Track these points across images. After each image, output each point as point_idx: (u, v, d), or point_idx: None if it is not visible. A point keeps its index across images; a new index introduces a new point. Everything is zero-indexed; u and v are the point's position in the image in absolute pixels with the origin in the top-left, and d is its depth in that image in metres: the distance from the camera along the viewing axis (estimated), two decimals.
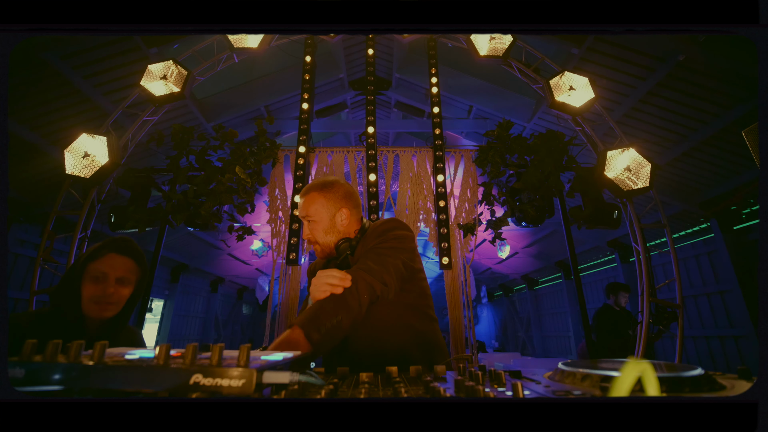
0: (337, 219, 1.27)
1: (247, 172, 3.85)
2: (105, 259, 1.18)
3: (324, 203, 1.28)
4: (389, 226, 1.23)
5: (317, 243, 1.28)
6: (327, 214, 1.27)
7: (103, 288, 1.15)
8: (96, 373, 0.48)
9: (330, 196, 1.29)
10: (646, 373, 0.42)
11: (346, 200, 1.30)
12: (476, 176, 4.19)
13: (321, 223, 1.27)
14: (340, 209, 1.28)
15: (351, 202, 1.31)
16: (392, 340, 1.16)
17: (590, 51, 4.09)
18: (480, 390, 0.53)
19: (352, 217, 1.30)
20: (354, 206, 1.32)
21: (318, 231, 1.27)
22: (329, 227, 1.27)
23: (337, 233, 1.27)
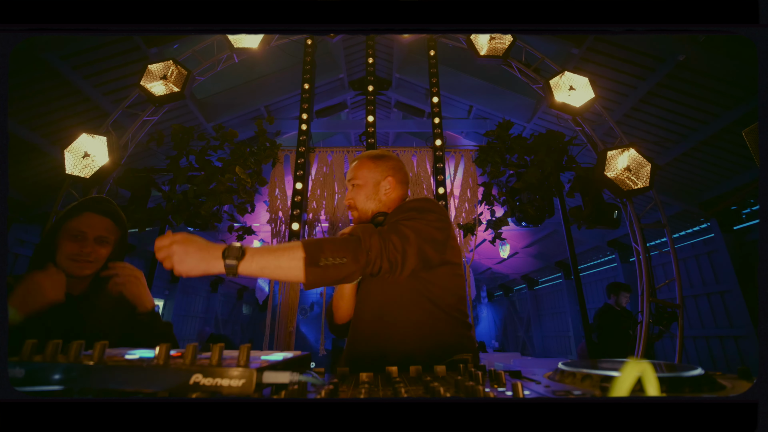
0: (381, 187, 1.23)
1: (247, 172, 3.85)
2: (82, 218, 1.17)
3: (372, 168, 1.25)
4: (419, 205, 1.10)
5: (356, 209, 1.24)
6: (372, 180, 1.24)
7: (80, 246, 1.15)
8: (96, 373, 0.48)
9: (379, 164, 1.26)
10: (646, 373, 0.42)
11: (394, 171, 1.26)
12: (476, 176, 4.19)
13: (364, 187, 1.23)
14: (386, 177, 1.24)
15: (399, 175, 1.27)
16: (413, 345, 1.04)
17: (590, 51, 4.10)
18: (480, 390, 0.53)
19: (396, 191, 1.25)
20: (400, 181, 1.26)
21: (360, 195, 1.23)
22: (372, 193, 1.23)
23: (378, 201, 1.23)
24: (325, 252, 0.88)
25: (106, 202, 1.23)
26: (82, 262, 1.15)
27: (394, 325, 1.08)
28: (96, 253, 1.17)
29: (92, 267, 1.17)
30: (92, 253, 1.16)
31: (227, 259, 0.83)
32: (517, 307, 11.65)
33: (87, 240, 1.16)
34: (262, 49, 4.23)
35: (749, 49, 3.17)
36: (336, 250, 0.89)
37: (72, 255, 1.14)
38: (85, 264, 1.15)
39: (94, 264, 1.18)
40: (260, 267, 0.86)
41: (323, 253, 0.87)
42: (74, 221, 1.16)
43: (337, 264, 0.87)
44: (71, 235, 1.15)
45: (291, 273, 0.87)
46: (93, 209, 1.19)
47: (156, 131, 3.89)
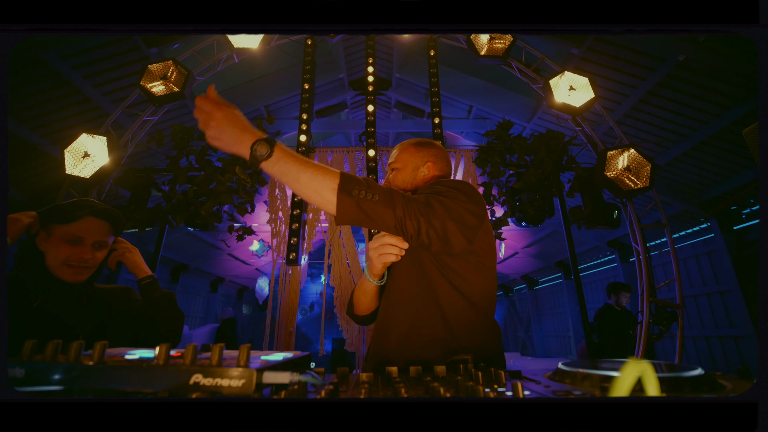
0: (420, 172, 1.20)
1: (247, 172, 3.85)
2: (81, 223, 1.11)
3: (413, 153, 1.23)
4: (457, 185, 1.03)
5: None
6: (411, 164, 1.21)
7: (79, 252, 1.09)
8: (96, 373, 0.48)
9: (421, 149, 1.23)
10: (646, 373, 0.42)
11: (435, 158, 1.22)
12: (476, 176, 4.19)
13: (404, 171, 1.21)
14: (425, 163, 1.21)
15: (440, 163, 1.23)
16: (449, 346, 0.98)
17: (590, 51, 4.10)
18: (480, 390, 0.53)
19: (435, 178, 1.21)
20: (440, 169, 1.22)
21: (398, 179, 1.21)
22: (410, 177, 1.20)
23: (414, 187, 1.19)
24: (360, 184, 0.86)
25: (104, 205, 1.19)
26: (78, 267, 1.10)
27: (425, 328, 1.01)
28: (94, 258, 1.13)
29: (88, 273, 1.14)
30: (90, 260, 1.12)
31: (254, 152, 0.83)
32: (517, 307, 11.65)
33: (85, 246, 1.11)
34: (262, 49, 4.23)
35: (749, 49, 3.17)
36: (371, 187, 0.87)
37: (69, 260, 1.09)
38: (81, 270, 1.11)
39: (89, 270, 1.14)
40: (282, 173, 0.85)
41: (358, 184, 0.86)
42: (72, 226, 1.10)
43: (370, 200, 0.85)
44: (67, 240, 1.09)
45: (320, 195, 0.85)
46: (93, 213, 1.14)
47: (156, 131, 3.90)
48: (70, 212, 1.11)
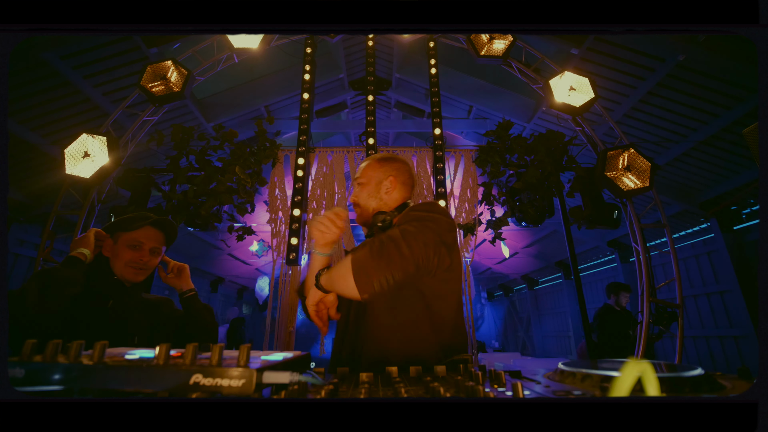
0: (383, 186, 1.29)
1: (247, 172, 3.85)
2: (142, 231, 1.35)
3: (376, 168, 1.32)
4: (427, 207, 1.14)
5: (359, 205, 1.31)
6: (375, 179, 1.30)
7: (139, 255, 1.32)
8: (96, 373, 0.48)
9: (384, 164, 1.32)
10: (646, 373, 0.42)
11: (397, 172, 1.32)
12: (476, 176, 4.19)
13: (368, 185, 1.30)
14: (388, 177, 1.30)
15: (402, 177, 1.32)
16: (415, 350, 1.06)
17: (590, 51, 4.10)
18: (480, 390, 0.53)
19: (398, 190, 1.30)
20: (402, 182, 1.31)
21: (363, 193, 1.30)
22: (373, 191, 1.29)
23: (378, 200, 1.28)
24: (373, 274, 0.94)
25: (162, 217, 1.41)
26: (138, 269, 1.32)
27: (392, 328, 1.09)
28: (151, 262, 1.35)
29: (145, 274, 1.36)
30: (148, 262, 1.34)
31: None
32: (517, 307, 11.65)
33: (144, 250, 1.33)
34: (262, 49, 4.23)
35: (749, 49, 3.17)
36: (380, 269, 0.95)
37: (130, 262, 1.31)
38: (140, 271, 1.33)
39: (146, 272, 1.36)
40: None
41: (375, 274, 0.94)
42: (135, 233, 1.33)
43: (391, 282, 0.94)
44: (130, 245, 1.32)
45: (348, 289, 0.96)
46: (152, 223, 1.36)
47: (156, 131, 3.89)
48: (133, 222, 1.35)
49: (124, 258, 1.31)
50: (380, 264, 0.91)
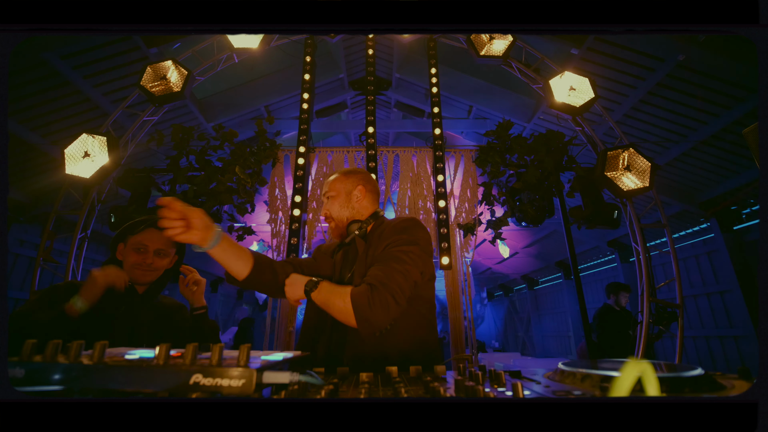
0: (353, 195, 1.35)
1: (247, 172, 3.85)
2: (145, 233, 1.38)
3: (343, 180, 1.38)
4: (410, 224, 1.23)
5: (332, 218, 1.36)
6: (344, 190, 1.36)
7: (143, 257, 1.36)
8: (96, 373, 0.48)
9: (350, 176, 1.39)
10: (646, 373, 0.42)
11: (364, 182, 1.39)
12: (476, 176, 4.19)
13: (338, 197, 1.36)
14: (356, 186, 1.37)
15: (369, 185, 1.40)
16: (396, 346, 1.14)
17: (590, 51, 4.09)
18: (480, 390, 0.53)
19: (367, 198, 1.37)
20: (371, 190, 1.39)
21: (334, 205, 1.36)
22: (344, 202, 1.35)
23: (351, 209, 1.35)
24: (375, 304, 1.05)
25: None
26: (144, 270, 1.36)
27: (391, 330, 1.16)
28: (156, 263, 1.38)
29: (153, 275, 1.39)
30: (153, 264, 1.37)
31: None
32: (517, 307, 11.65)
33: (148, 252, 1.37)
34: (262, 49, 4.22)
35: (749, 49, 3.17)
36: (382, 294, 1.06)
37: (135, 264, 1.36)
38: (146, 272, 1.37)
39: (154, 273, 1.39)
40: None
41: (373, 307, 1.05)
42: (138, 236, 1.38)
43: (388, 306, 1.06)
44: (135, 248, 1.37)
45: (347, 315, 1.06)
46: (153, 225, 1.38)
47: (156, 131, 3.89)
48: (137, 225, 1.41)
49: (131, 261, 1.36)
50: (380, 315, 1.03)
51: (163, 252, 1.41)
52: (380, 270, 1.09)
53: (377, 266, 1.11)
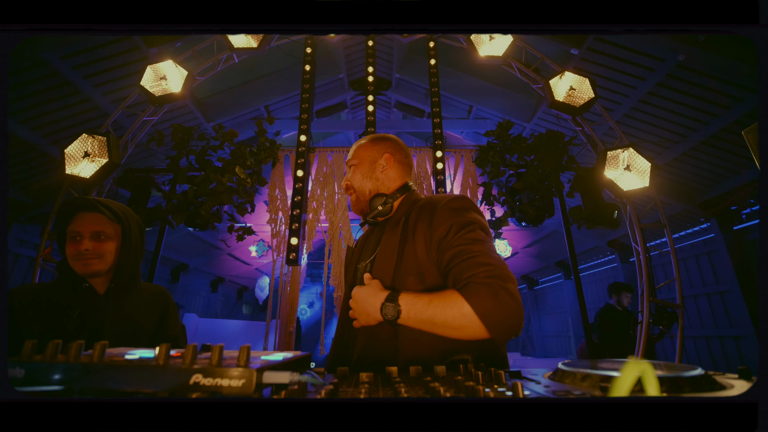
0: (378, 164, 1.18)
1: (247, 172, 3.85)
2: (75, 219, 1.18)
3: (369, 147, 1.21)
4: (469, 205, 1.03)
5: (353, 189, 1.19)
6: (368, 158, 1.19)
7: (78, 246, 1.16)
8: (96, 373, 0.48)
9: (377, 142, 1.22)
10: (645, 373, 0.42)
11: (393, 149, 1.20)
12: (476, 176, 4.19)
13: (361, 165, 1.19)
14: (383, 154, 1.18)
15: (398, 155, 1.20)
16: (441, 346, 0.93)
17: (590, 51, 4.10)
18: (480, 390, 0.53)
19: (395, 168, 1.18)
20: (400, 160, 1.20)
21: (357, 174, 1.18)
22: (368, 171, 1.18)
23: (374, 180, 1.17)
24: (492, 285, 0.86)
25: (94, 199, 1.22)
26: (84, 259, 1.16)
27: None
28: (96, 248, 1.17)
29: (98, 263, 1.17)
30: (91, 250, 1.16)
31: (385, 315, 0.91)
32: None
33: (83, 239, 1.17)
34: (262, 49, 4.23)
35: (749, 49, 3.17)
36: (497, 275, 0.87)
37: (73, 255, 1.16)
38: (87, 261, 1.16)
39: (98, 260, 1.17)
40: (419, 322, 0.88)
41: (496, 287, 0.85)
42: (70, 225, 1.18)
43: (508, 295, 0.84)
44: (70, 238, 1.18)
45: (462, 330, 0.85)
46: (82, 208, 1.19)
47: (156, 131, 3.89)
48: (65, 212, 1.20)
49: (69, 253, 1.17)
50: (515, 310, 0.83)
51: (103, 234, 1.18)
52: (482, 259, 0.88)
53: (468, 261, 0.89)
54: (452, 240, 0.94)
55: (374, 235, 1.18)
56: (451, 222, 0.97)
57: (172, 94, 3.82)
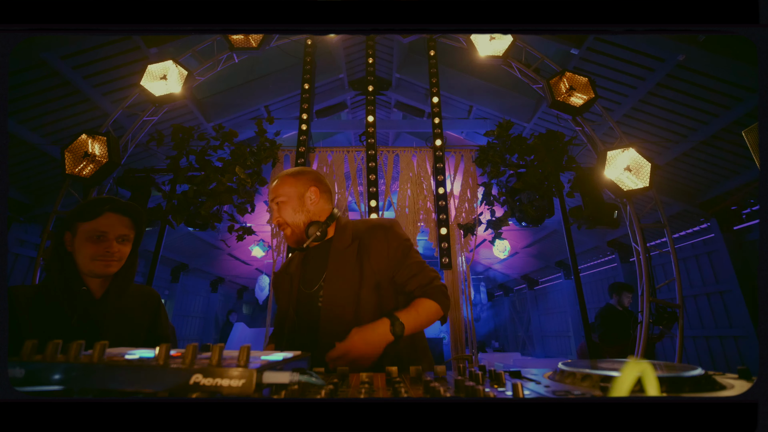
0: (307, 198, 1.27)
1: (247, 172, 3.85)
2: (102, 219, 1.16)
3: (293, 183, 1.28)
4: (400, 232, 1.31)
5: (287, 224, 1.26)
6: (296, 193, 1.27)
7: (105, 247, 1.15)
8: (96, 373, 0.48)
9: (299, 177, 1.30)
10: (645, 373, 0.42)
11: (316, 182, 1.31)
12: (476, 176, 4.19)
13: (290, 202, 1.26)
14: (309, 188, 1.28)
15: (321, 185, 1.32)
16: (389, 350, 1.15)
17: (590, 51, 4.09)
18: (480, 390, 0.53)
19: (322, 199, 1.30)
20: (324, 190, 1.33)
21: (287, 210, 1.26)
22: (298, 206, 1.26)
23: (306, 212, 1.26)
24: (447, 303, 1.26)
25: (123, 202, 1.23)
26: (107, 260, 1.15)
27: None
28: (120, 252, 1.19)
29: (117, 265, 1.19)
30: (117, 253, 1.17)
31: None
32: (517, 307, 11.65)
33: (109, 240, 1.16)
34: (262, 49, 4.22)
35: (749, 49, 3.17)
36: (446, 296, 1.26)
37: (96, 255, 1.14)
38: (110, 262, 1.16)
39: (118, 263, 1.19)
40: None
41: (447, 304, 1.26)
42: (93, 223, 1.15)
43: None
44: (92, 237, 1.15)
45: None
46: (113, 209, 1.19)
47: (156, 131, 3.89)
48: (92, 210, 1.17)
49: (88, 252, 1.14)
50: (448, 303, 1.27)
51: (126, 238, 1.21)
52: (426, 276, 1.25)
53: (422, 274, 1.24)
54: (406, 260, 1.25)
55: (312, 260, 1.30)
56: (401, 245, 1.26)
57: (172, 94, 3.82)
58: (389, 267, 1.23)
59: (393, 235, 1.27)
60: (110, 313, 1.19)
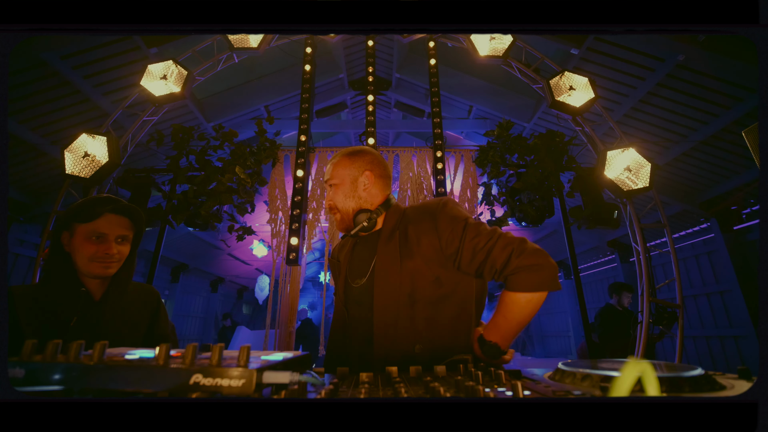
0: (360, 182, 1.18)
1: (247, 172, 3.85)
2: (101, 220, 1.14)
3: (347, 165, 1.20)
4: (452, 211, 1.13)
5: (337, 209, 1.20)
6: (349, 177, 1.19)
7: (104, 248, 1.13)
8: (96, 373, 0.48)
9: (355, 159, 1.21)
10: (645, 373, 0.42)
11: (372, 165, 1.21)
12: (476, 176, 4.19)
13: (342, 185, 1.19)
14: (363, 172, 1.19)
15: (377, 169, 1.22)
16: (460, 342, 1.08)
17: (590, 51, 4.09)
18: (480, 390, 0.53)
19: (376, 185, 1.20)
20: (379, 175, 1.21)
21: (338, 195, 1.19)
22: (350, 191, 1.18)
23: (357, 198, 1.18)
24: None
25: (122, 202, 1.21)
26: (107, 262, 1.14)
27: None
28: (119, 253, 1.17)
29: (116, 266, 1.18)
30: (116, 254, 1.16)
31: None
32: None
33: (108, 241, 1.15)
34: (262, 49, 4.23)
35: (749, 49, 3.17)
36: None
37: (95, 257, 1.13)
38: (110, 264, 1.15)
39: (118, 263, 1.18)
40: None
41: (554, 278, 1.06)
42: (93, 224, 1.13)
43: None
44: (89, 237, 1.13)
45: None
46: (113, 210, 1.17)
47: (156, 131, 3.89)
48: (91, 211, 1.14)
49: (87, 253, 1.12)
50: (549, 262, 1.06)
51: (125, 238, 1.19)
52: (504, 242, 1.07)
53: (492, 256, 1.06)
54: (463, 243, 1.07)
55: (360, 250, 1.21)
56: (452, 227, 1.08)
57: (172, 94, 3.82)
58: (444, 256, 1.08)
59: (443, 216, 1.09)
60: (110, 314, 1.18)
